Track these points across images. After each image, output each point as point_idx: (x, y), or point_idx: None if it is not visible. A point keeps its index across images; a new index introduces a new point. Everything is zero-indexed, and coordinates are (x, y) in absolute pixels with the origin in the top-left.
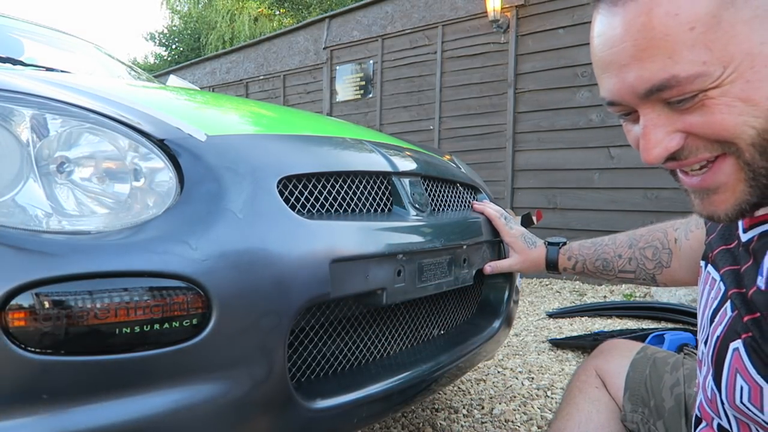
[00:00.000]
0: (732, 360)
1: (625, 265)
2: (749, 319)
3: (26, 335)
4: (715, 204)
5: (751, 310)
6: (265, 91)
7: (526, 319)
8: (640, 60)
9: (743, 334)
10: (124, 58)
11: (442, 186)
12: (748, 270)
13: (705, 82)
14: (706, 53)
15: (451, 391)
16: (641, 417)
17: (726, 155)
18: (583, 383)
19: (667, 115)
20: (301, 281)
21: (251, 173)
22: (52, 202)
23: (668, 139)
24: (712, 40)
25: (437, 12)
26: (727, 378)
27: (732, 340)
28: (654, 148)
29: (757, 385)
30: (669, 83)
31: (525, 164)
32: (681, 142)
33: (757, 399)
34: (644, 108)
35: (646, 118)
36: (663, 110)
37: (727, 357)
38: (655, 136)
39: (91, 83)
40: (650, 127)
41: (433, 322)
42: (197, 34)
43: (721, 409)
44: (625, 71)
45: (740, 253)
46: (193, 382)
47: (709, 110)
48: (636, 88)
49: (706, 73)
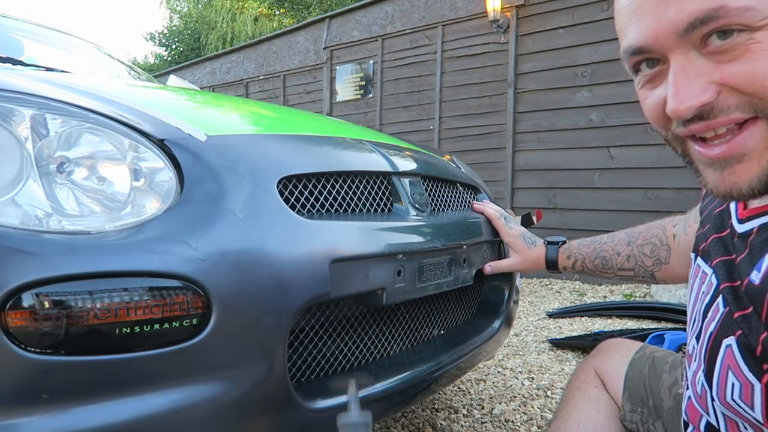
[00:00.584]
0: (725, 357)
1: (624, 263)
2: (740, 315)
3: (26, 335)
4: (737, 174)
5: (742, 306)
6: (265, 91)
7: (526, 319)
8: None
9: (736, 332)
10: (124, 58)
11: (442, 186)
12: (743, 261)
13: (754, 17)
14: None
15: (451, 391)
16: (640, 417)
17: (758, 119)
18: (582, 383)
19: (701, 64)
20: (301, 281)
21: (251, 173)
22: (52, 202)
23: (702, 89)
24: None
25: (437, 12)
26: (719, 375)
27: (725, 336)
28: (687, 98)
29: (749, 383)
30: (717, 13)
31: (525, 164)
32: (714, 96)
33: (748, 396)
34: (677, 52)
35: (678, 65)
36: (697, 58)
37: (719, 353)
38: (688, 84)
39: (91, 83)
40: (681, 74)
41: (433, 322)
42: (197, 34)
43: (710, 405)
44: (663, 6)
45: (734, 244)
46: (193, 382)
47: (753, 57)
48: (676, 24)
49: (756, 8)
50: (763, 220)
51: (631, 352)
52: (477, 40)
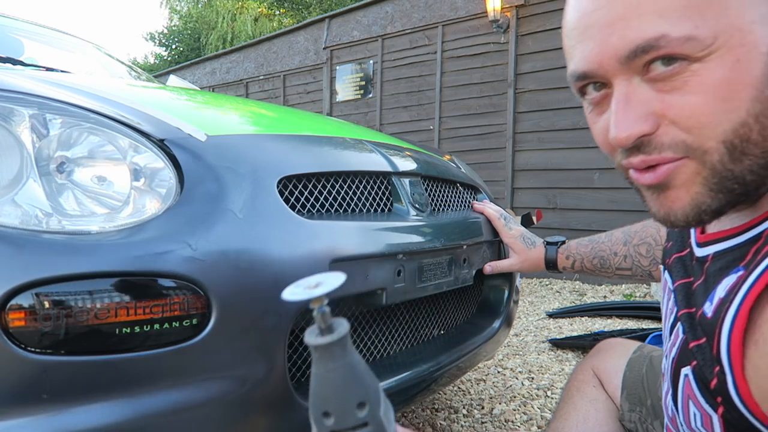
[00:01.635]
0: (684, 386)
1: (621, 263)
2: (695, 345)
3: (26, 335)
4: (671, 199)
5: (696, 336)
6: (265, 91)
7: (526, 319)
8: (627, 19)
9: (692, 361)
10: (124, 58)
11: (442, 186)
12: (699, 288)
13: (695, 48)
14: (699, 18)
15: (451, 391)
16: (639, 416)
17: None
18: (580, 383)
19: (644, 92)
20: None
21: (251, 173)
22: (52, 202)
23: (643, 119)
24: (706, 7)
25: (437, 12)
26: (682, 402)
27: (683, 365)
28: (627, 127)
29: (707, 414)
30: (658, 42)
31: (525, 164)
32: (654, 127)
33: (708, 425)
34: (620, 78)
35: (621, 91)
36: (640, 85)
37: (680, 382)
38: (629, 112)
39: (91, 83)
40: (623, 102)
41: (433, 322)
42: (197, 34)
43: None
44: (607, 32)
45: (693, 267)
46: (193, 382)
47: (691, 90)
48: (619, 51)
49: (697, 38)
50: (717, 248)
51: (629, 352)
52: (477, 40)
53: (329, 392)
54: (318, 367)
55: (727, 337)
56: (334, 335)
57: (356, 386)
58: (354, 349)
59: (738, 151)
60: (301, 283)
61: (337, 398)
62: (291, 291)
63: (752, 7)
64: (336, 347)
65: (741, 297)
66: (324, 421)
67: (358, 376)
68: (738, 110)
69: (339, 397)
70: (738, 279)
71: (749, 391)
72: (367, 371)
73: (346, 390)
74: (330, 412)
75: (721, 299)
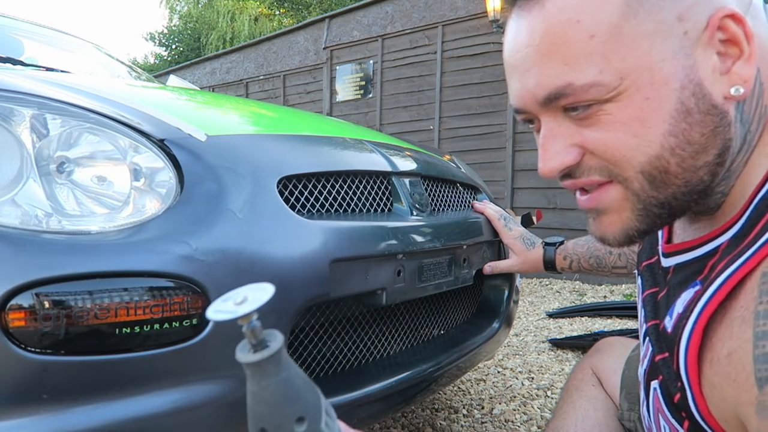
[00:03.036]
0: (653, 400)
1: (617, 261)
2: (660, 359)
3: (26, 335)
4: (604, 225)
5: (661, 350)
6: (265, 91)
7: (526, 319)
8: (540, 66)
9: (659, 375)
10: (124, 58)
11: (442, 186)
12: (663, 300)
13: (600, 92)
14: (604, 62)
15: (451, 391)
16: (638, 415)
17: (613, 183)
18: (579, 382)
19: (566, 127)
20: (301, 281)
21: (251, 173)
22: (52, 202)
23: (565, 152)
24: (612, 51)
25: (437, 12)
26: (653, 415)
27: (652, 379)
28: (550, 160)
29: (674, 427)
30: (565, 91)
31: (525, 164)
32: (578, 158)
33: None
34: (545, 116)
35: (546, 127)
36: (563, 121)
37: (650, 394)
38: (553, 148)
39: (91, 83)
40: (548, 138)
41: (433, 322)
42: (197, 34)
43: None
44: (527, 77)
45: (659, 276)
46: (192, 382)
47: (605, 127)
48: (536, 95)
49: (602, 83)
50: (678, 259)
51: (628, 351)
52: (477, 40)
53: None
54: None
55: (684, 353)
56: (265, 352)
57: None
58: (291, 363)
59: (658, 180)
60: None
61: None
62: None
63: (662, 45)
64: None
65: (696, 314)
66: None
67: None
68: (651, 144)
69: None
70: (695, 294)
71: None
72: (306, 384)
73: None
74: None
75: (680, 314)
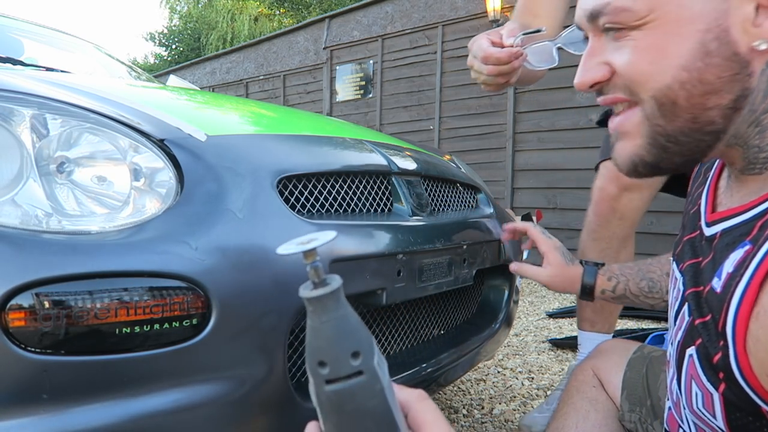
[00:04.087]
0: (688, 366)
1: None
2: (700, 322)
3: (26, 335)
4: (619, 148)
5: (702, 313)
6: (265, 91)
7: (526, 319)
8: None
9: (696, 340)
10: (124, 58)
11: (442, 186)
12: (707, 266)
13: (629, 17)
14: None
15: (451, 391)
16: (639, 416)
17: (636, 104)
18: (580, 383)
19: (602, 47)
20: (301, 281)
21: (251, 173)
22: (52, 202)
23: (597, 68)
24: None
25: (437, 12)
26: (685, 383)
27: (688, 346)
28: (582, 75)
29: (709, 392)
30: (604, 9)
31: (525, 164)
32: (607, 75)
33: (709, 405)
34: (592, 34)
35: (590, 45)
36: (602, 40)
37: (684, 363)
38: (588, 63)
39: (91, 83)
40: (588, 55)
41: (433, 322)
42: (197, 34)
43: (684, 413)
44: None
45: (702, 246)
46: (193, 382)
47: (629, 51)
48: (585, 10)
49: (632, 9)
50: (725, 225)
51: (630, 353)
52: None
53: (323, 343)
54: (312, 320)
55: (735, 310)
56: (327, 288)
57: (350, 337)
58: (347, 303)
59: (667, 109)
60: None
61: (331, 348)
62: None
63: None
64: (329, 300)
65: (751, 271)
66: (319, 371)
67: (352, 328)
68: (664, 74)
69: (333, 347)
70: (746, 253)
71: (749, 364)
72: (360, 324)
73: (339, 340)
74: (325, 361)
75: (730, 274)
